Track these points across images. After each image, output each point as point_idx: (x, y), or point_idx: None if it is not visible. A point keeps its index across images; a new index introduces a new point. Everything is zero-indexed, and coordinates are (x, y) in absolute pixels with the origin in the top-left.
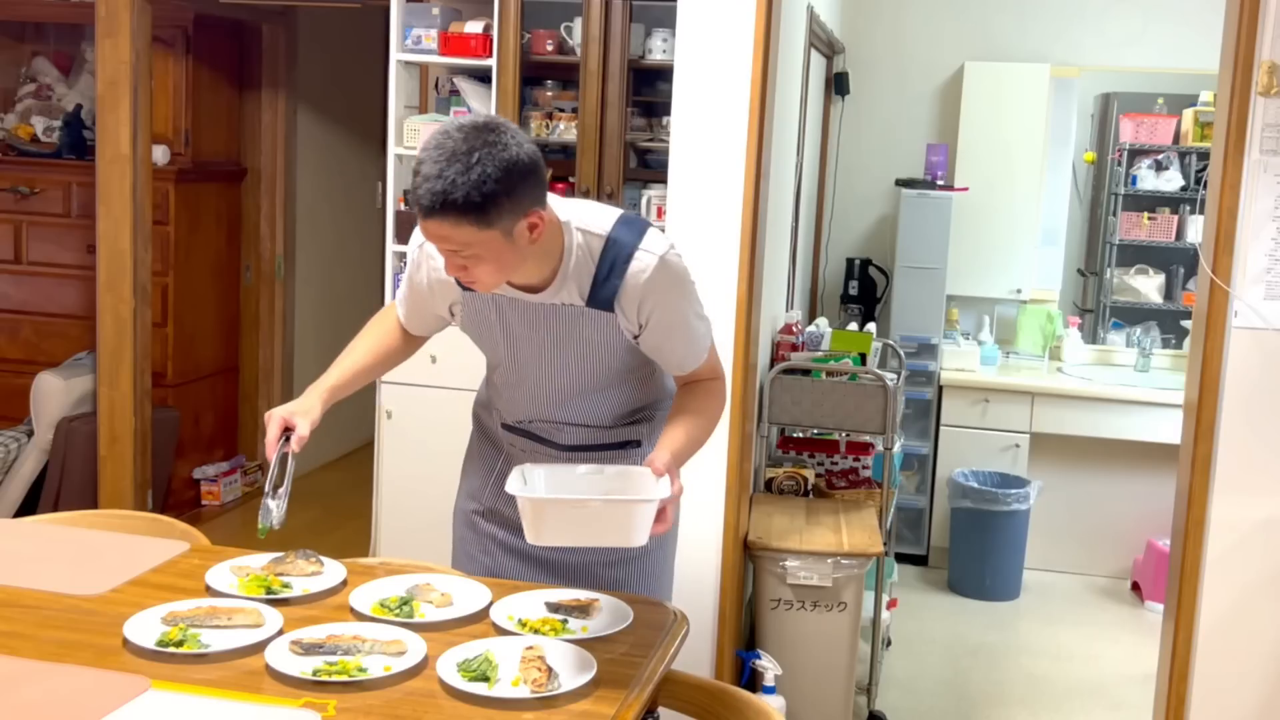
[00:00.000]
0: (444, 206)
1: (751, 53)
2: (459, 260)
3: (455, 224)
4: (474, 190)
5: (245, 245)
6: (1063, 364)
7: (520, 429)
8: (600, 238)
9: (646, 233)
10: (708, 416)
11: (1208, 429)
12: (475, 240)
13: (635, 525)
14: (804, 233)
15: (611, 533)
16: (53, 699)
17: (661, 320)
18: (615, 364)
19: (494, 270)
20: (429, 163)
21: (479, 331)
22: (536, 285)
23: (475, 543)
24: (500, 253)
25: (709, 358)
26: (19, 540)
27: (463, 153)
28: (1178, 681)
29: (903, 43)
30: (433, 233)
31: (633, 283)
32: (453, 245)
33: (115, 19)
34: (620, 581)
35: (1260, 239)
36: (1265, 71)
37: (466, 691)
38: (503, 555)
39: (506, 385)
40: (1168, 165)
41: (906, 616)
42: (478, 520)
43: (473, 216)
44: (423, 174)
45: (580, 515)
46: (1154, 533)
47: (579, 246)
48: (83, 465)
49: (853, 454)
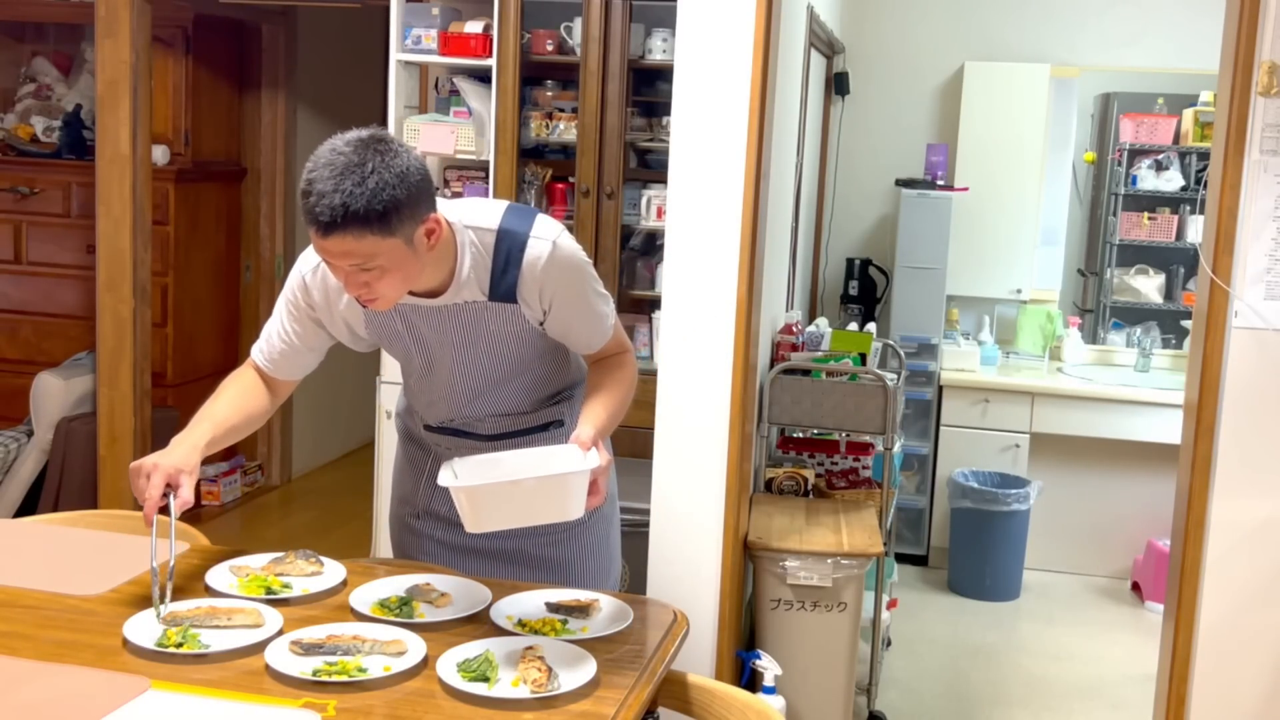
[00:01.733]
0: (345, 219)
1: (751, 53)
2: (361, 278)
3: (359, 236)
4: (373, 199)
5: (245, 245)
6: (1063, 364)
7: (443, 428)
8: (491, 232)
9: (536, 220)
10: (623, 388)
11: (1208, 429)
12: (379, 250)
13: (570, 498)
14: (804, 233)
15: (548, 509)
16: (53, 699)
17: (564, 303)
18: (526, 352)
19: (397, 281)
20: (321, 180)
21: (389, 342)
22: (436, 289)
23: (414, 545)
24: (403, 261)
25: (615, 334)
26: (19, 540)
27: (355, 165)
28: (1178, 681)
29: (903, 43)
30: (335, 249)
31: (529, 272)
32: (356, 259)
33: (115, 19)
34: (566, 560)
35: (1260, 239)
36: (1265, 71)
37: (466, 691)
38: (443, 553)
39: (423, 390)
40: (1168, 165)
41: (906, 616)
42: (413, 523)
43: (375, 226)
44: (316, 192)
45: (515, 495)
46: (1154, 533)
47: (472, 244)
48: (83, 465)
49: (853, 454)
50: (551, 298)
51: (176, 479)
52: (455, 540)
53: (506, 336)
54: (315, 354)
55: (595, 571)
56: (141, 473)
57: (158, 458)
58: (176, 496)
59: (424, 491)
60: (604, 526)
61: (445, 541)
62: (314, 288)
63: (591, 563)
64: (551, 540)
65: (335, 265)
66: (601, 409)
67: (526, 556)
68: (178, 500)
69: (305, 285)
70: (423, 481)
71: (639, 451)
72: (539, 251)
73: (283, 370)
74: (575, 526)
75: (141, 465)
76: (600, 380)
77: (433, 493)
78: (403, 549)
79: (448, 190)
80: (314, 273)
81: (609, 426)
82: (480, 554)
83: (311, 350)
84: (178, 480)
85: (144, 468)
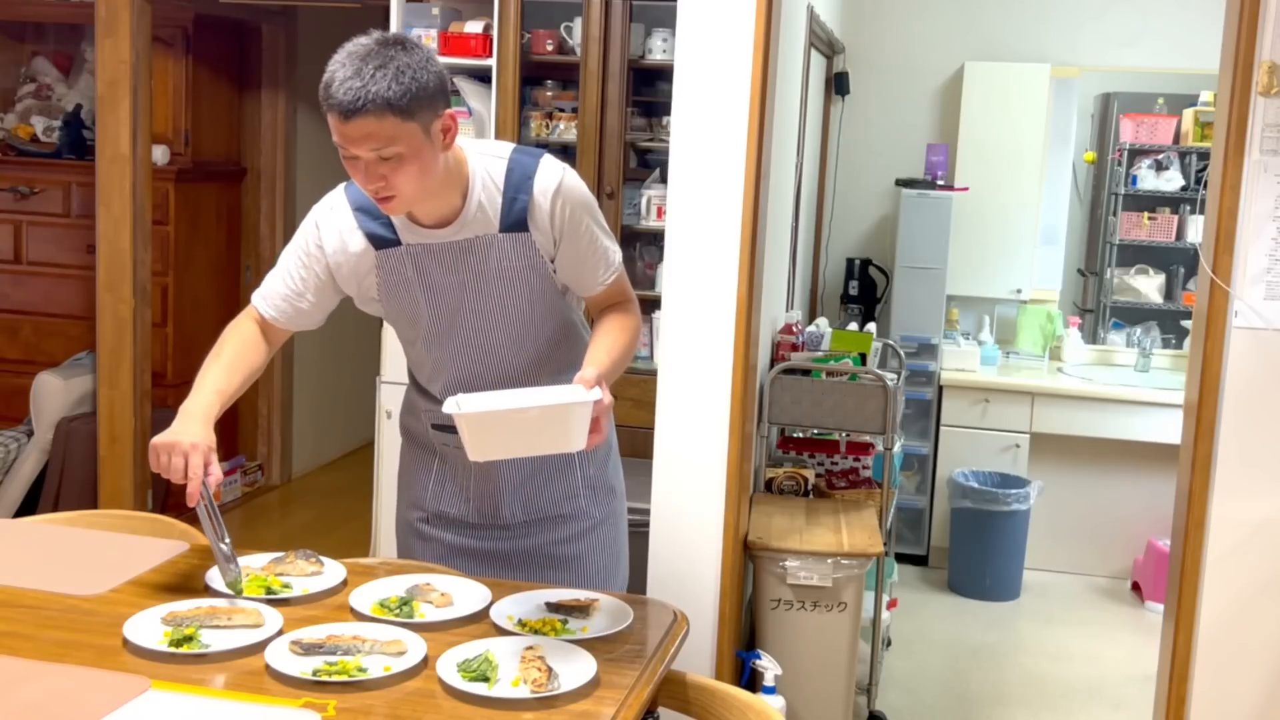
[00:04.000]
0: (367, 101)
1: (751, 53)
2: (380, 169)
3: (380, 118)
4: (394, 82)
5: (245, 245)
6: (1063, 364)
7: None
8: (501, 160)
9: (543, 156)
10: (628, 335)
11: (1208, 429)
12: (399, 134)
13: (573, 428)
14: (804, 233)
15: (551, 439)
16: (53, 699)
17: (573, 235)
18: (536, 304)
19: (415, 174)
20: (342, 68)
21: (399, 295)
22: (447, 216)
23: (422, 549)
24: (420, 151)
25: (620, 281)
26: (19, 540)
27: (376, 52)
28: (1178, 681)
29: (903, 43)
30: (356, 133)
31: (541, 198)
32: (376, 143)
33: (115, 19)
34: (577, 556)
35: (1260, 239)
36: (1265, 71)
37: (466, 691)
38: (453, 556)
39: (431, 349)
40: (1168, 165)
41: (906, 616)
42: (424, 528)
43: (396, 108)
44: (337, 80)
45: (519, 424)
46: (1154, 533)
47: (483, 170)
48: (83, 465)
49: (853, 454)
50: (561, 227)
51: (207, 457)
52: (464, 543)
53: (518, 275)
54: (320, 310)
55: (607, 569)
56: (174, 451)
57: (179, 435)
58: (208, 475)
59: (433, 494)
60: (615, 524)
61: (455, 545)
62: (326, 232)
63: (610, 554)
64: (569, 535)
65: (354, 158)
66: (605, 352)
67: (537, 557)
68: (210, 478)
69: (318, 227)
70: (430, 485)
71: (639, 451)
72: (549, 180)
73: (288, 320)
74: (587, 524)
75: (169, 444)
76: (606, 326)
77: (441, 495)
78: (410, 554)
79: None
80: (329, 214)
81: (613, 371)
82: (489, 556)
83: (317, 304)
84: (208, 458)
85: (173, 446)
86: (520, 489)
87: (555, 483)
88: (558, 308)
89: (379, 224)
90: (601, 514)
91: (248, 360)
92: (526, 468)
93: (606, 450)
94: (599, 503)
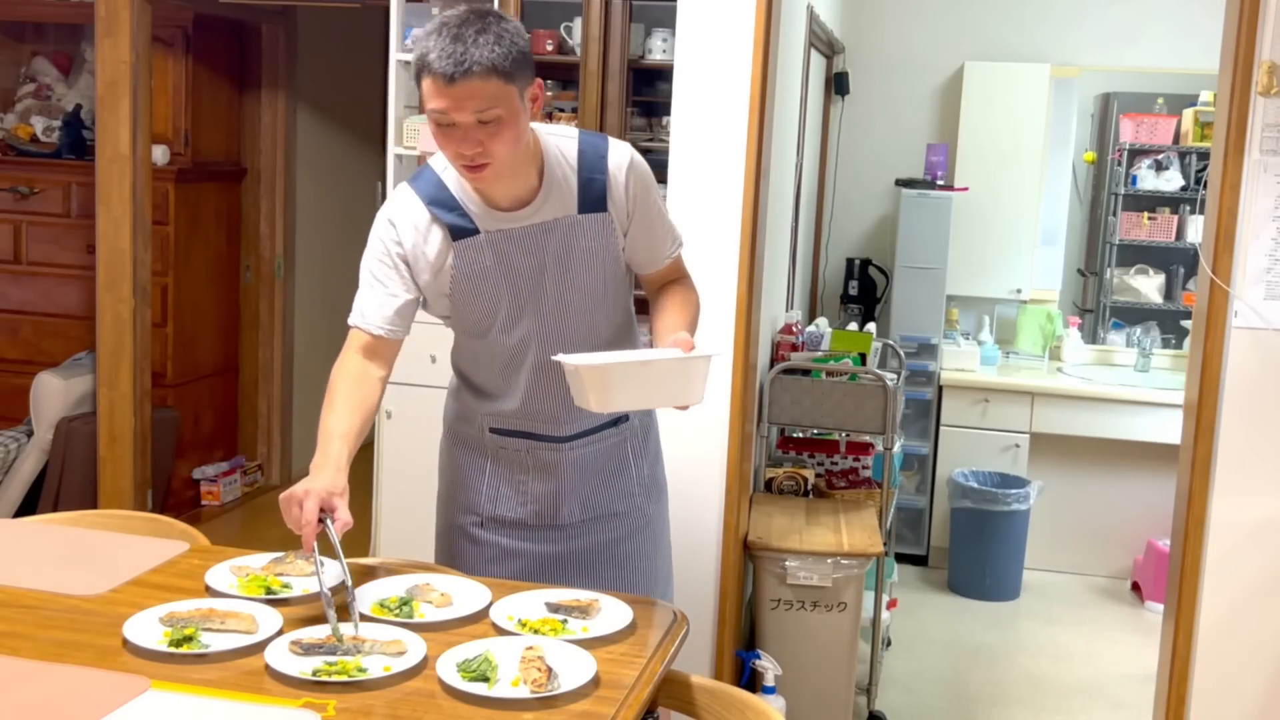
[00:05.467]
0: (473, 64)
1: (751, 53)
2: (477, 135)
3: (483, 80)
4: (495, 45)
5: (245, 245)
6: (1063, 364)
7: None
8: (572, 139)
9: (608, 136)
10: (694, 306)
11: (1208, 429)
12: (501, 97)
13: (693, 382)
14: (804, 233)
15: (673, 391)
16: (53, 699)
17: (644, 211)
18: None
19: (511, 139)
20: (440, 38)
21: (475, 284)
22: (524, 197)
23: (475, 554)
24: (517, 116)
25: (679, 257)
26: (19, 540)
27: (472, 21)
28: (1178, 681)
29: (903, 43)
30: (460, 95)
31: (615, 174)
32: (479, 105)
33: (115, 19)
34: (632, 554)
35: (1260, 239)
36: (1265, 71)
37: (466, 691)
38: (507, 560)
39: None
40: (1168, 165)
41: (906, 616)
42: (478, 532)
43: (500, 70)
44: (436, 49)
45: (644, 375)
46: (1154, 533)
47: (555, 149)
48: (83, 465)
49: (853, 454)
50: (633, 202)
51: (330, 503)
52: (519, 546)
53: (596, 256)
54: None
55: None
56: (294, 501)
57: (305, 484)
58: (334, 520)
59: (487, 499)
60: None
61: (509, 548)
62: (403, 228)
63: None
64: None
65: (451, 125)
66: (683, 318)
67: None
68: (336, 523)
69: (393, 224)
70: (484, 490)
71: None
72: (621, 156)
73: (393, 329)
74: (640, 521)
75: (292, 494)
76: (673, 300)
77: (497, 499)
78: (460, 559)
79: None
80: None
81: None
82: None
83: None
84: (331, 504)
85: (295, 496)
86: (580, 488)
87: (613, 481)
88: (626, 289)
89: (454, 215)
90: (652, 511)
91: (362, 396)
92: (587, 467)
93: (657, 447)
94: (651, 500)
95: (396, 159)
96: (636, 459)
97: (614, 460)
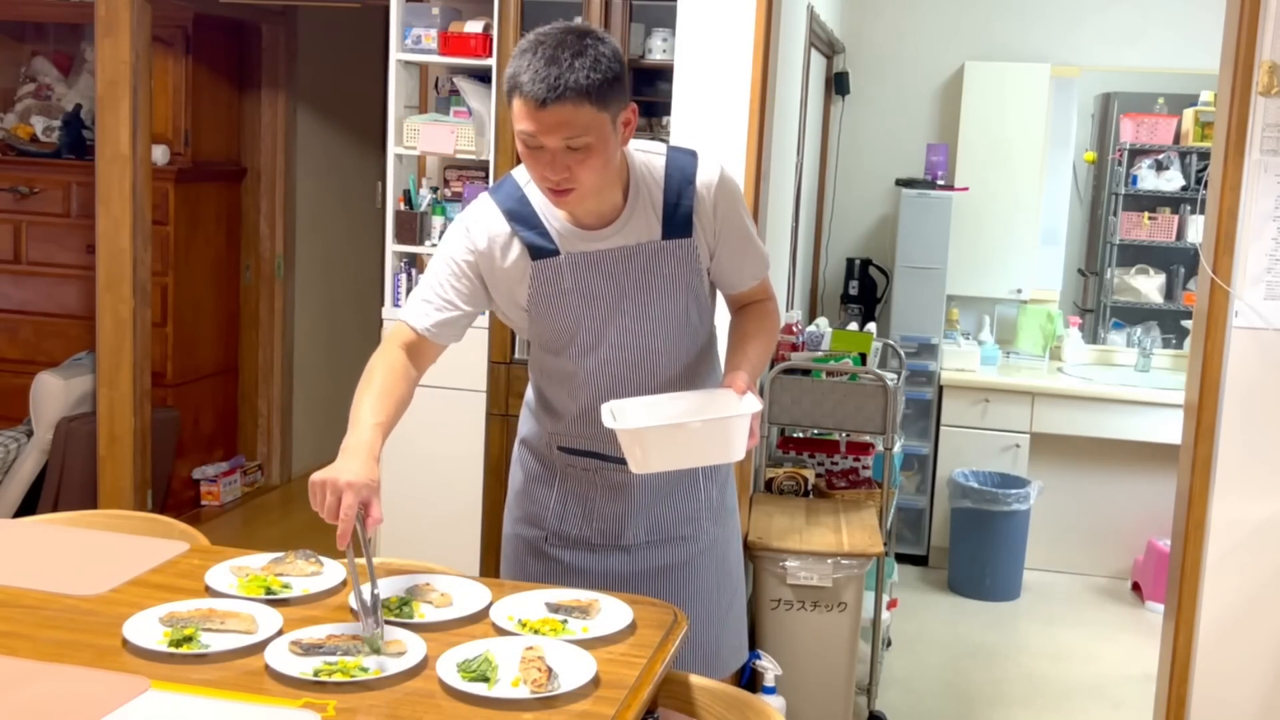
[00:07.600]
0: (566, 89)
1: (751, 53)
2: (565, 160)
3: (576, 105)
4: (591, 70)
5: (245, 245)
6: (1063, 364)
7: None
8: (660, 156)
9: (697, 151)
10: (769, 335)
11: (1208, 429)
12: (592, 124)
13: (733, 440)
14: (804, 233)
15: (711, 451)
16: (53, 699)
17: (733, 227)
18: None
19: (599, 165)
20: (534, 58)
21: (552, 305)
22: (608, 215)
23: (540, 569)
24: (605, 143)
25: (765, 277)
26: (19, 540)
27: (569, 43)
28: (1178, 681)
29: (903, 43)
30: (550, 121)
31: (704, 193)
32: (570, 132)
33: (115, 19)
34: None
35: (1260, 239)
36: (1265, 71)
37: (466, 692)
38: (569, 576)
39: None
40: (1168, 165)
41: (906, 616)
42: (544, 546)
43: (593, 96)
44: (530, 69)
45: (680, 438)
46: (1154, 533)
47: (642, 165)
48: (82, 465)
49: (853, 454)
50: (722, 220)
51: (366, 497)
52: (582, 564)
53: (681, 280)
54: (468, 320)
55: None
56: (326, 489)
57: (338, 472)
58: (367, 514)
59: (554, 515)
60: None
61: (572, 565)
62: (479, 239)
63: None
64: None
65: (539, 148)
66: (752, 353)
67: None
68: (369, 519)
69: (469, 233)
70: (551, 505)
71: None
72: (710, 174)
73: (443, 335)
74: (705, 543)
75: (329, 482)
76: (745, 326)
77: (563, 516)
78: (524, 570)
79: (448, 189)
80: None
81: (759, 371)
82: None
83: (469, 314)
84: (367, 498)
85: (333, 485)
86: (647, 510)
87: (680, 504)
88: (708, 313)
89: (534, 233)
90: (719, 534)
91: (399, 389)
92: (657, 490)
93: (728, 472)
94: (718, 524)
95: (396, 159)
96: (705, 484)
97: (682, 484)
